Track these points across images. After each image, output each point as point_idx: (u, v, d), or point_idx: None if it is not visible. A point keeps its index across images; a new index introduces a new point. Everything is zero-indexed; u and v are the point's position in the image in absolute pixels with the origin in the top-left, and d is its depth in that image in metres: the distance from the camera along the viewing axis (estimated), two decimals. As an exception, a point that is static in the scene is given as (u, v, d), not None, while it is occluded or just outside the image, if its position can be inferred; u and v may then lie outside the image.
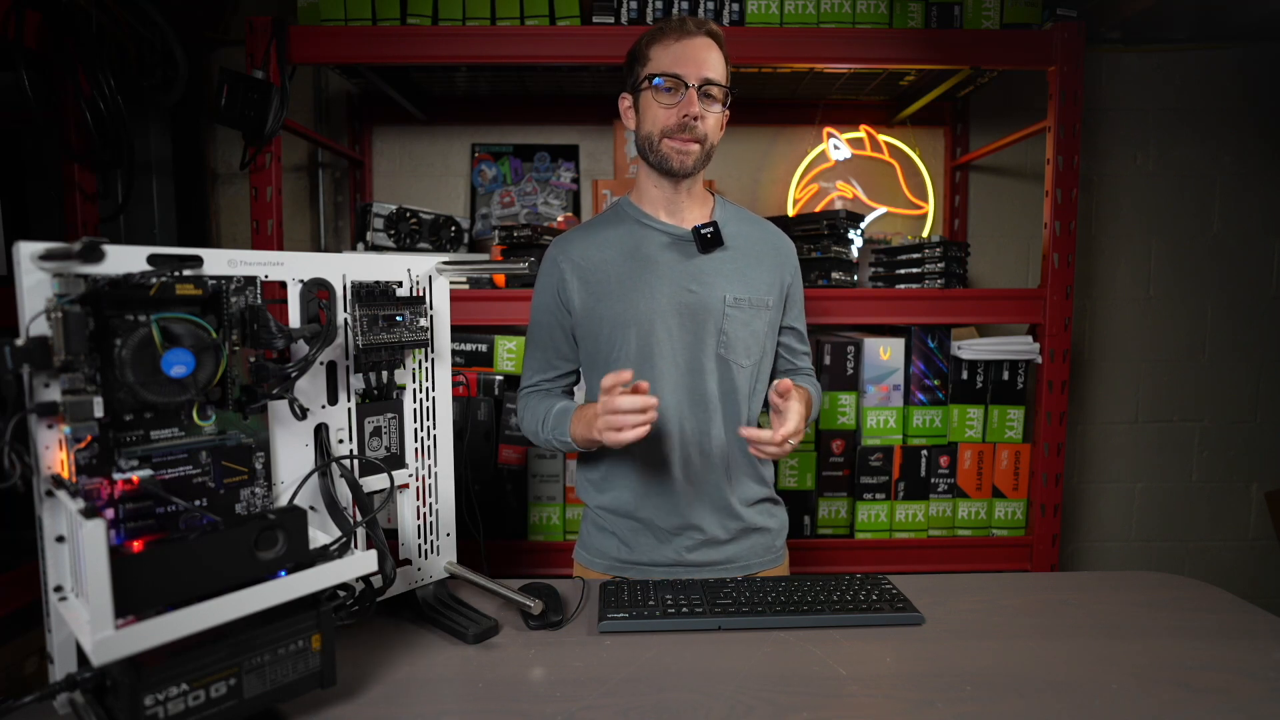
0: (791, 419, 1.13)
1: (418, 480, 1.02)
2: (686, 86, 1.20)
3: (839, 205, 2.40)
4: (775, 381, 1.15)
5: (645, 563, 1.29)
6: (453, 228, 2.22)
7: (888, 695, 0.83)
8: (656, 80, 1.21)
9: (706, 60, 1.21)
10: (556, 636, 0.97)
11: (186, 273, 0.73)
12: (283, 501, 0.86)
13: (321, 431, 0.91)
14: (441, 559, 1.05)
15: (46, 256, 0.64)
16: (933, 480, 1.99)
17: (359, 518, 0.92)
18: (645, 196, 1.32)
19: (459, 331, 1.96)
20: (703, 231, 1.26)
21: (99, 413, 0.68)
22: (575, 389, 1.42)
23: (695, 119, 1.20)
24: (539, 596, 0.98)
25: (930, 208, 2.40)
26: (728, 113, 1.27)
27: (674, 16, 1.25)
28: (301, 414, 0.85)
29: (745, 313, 1.28)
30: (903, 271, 2.02)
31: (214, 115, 1.74)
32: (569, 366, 1.35)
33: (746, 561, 1.32)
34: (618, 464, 1.29)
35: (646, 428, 1.08)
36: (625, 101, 1.30)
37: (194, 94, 2.22)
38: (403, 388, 0.99)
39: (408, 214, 2.12)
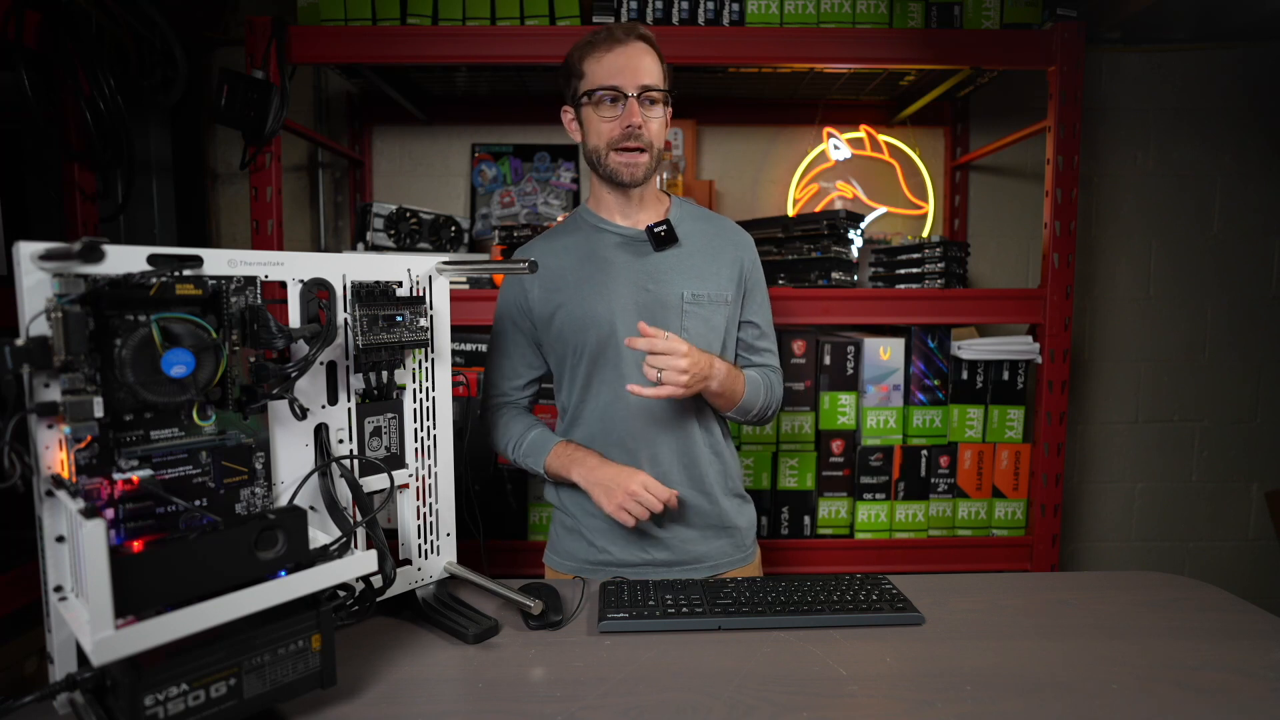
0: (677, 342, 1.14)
1: (418, 480, 1.02)
2: (626, 97, 1.21)
3: (839, 205, 2.40)
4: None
5: (613, 563, 1.29)
6: (453, 228, 2.22)
7: (888, 695, 0.83)
8: (596, 94, 1.22)
9: (640, 67, 1.22)
10: (556, 636, 0.97)
11: (186, 273, 0.73)
12: (283, 501, 0.86)
13: (321, 431, 0.91)
14: (441, 559, 1.05)
15: (46, 256, 0.64)
16: (933, 480, 1.99)
17: (359, 518, 0.92)
18: (601, 203, 1.34)
19: (459, 331, 1.96)
20: (656, 230, 1.28)
21: (99, 413, 0.68)
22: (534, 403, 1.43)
23: (639, 127, 1.22)
24: (539, 596, 0.98)
25: (930, 208, 2.40)
26: (670, 111, 1.29)
27: (603, 28, 1.25)
28: (301, 414, 0.85)
29: (705, 309, 1.28)
30: (903, 271, 2.02)
31: (214, 115, 1.74)
32: (535, 374, 1.37)
33: (715, 561, 1.31)
34: None
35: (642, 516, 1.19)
36: (568, 115, 1.31)
37: (194, 94, 2.22)
38: (403, 388, 0.99)
39: (408, 214, 2.12)
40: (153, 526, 0.74)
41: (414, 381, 1.00)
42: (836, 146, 2.36)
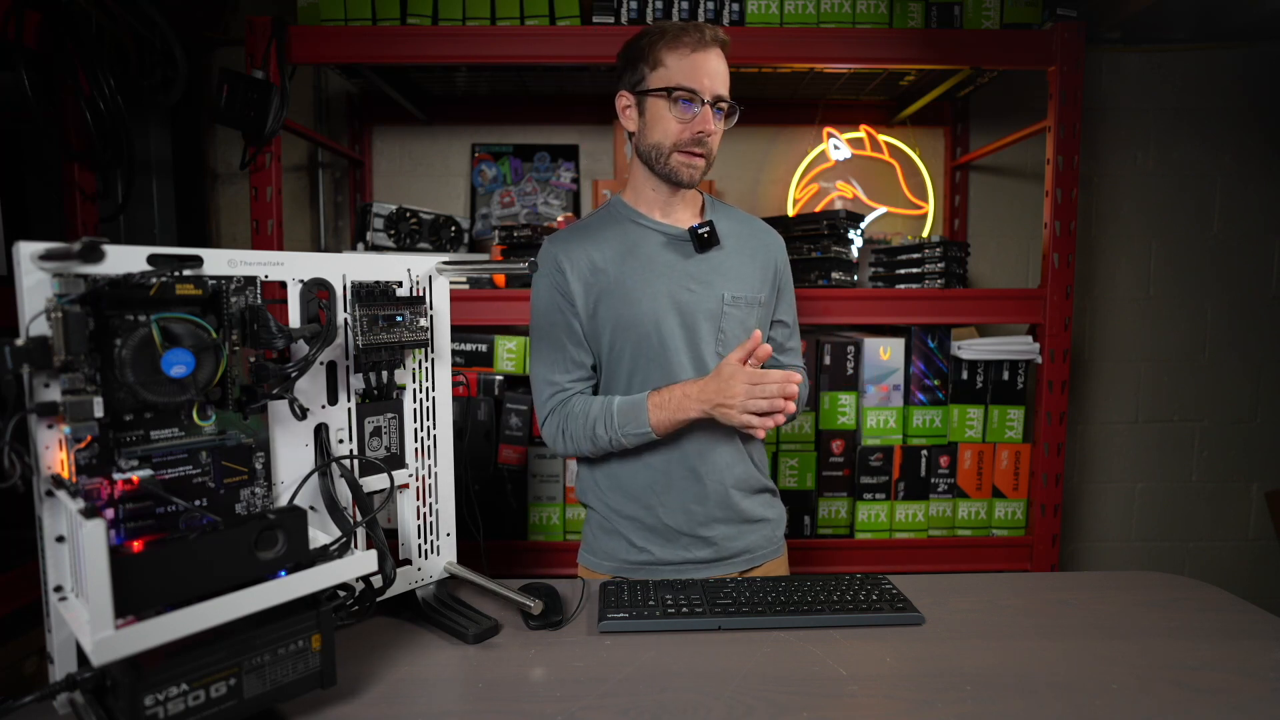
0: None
1: (418, 480, 1.02)
2: (702, 102, 1.21)
3: (839, 205, 2.40)
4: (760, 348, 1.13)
5: (654, 562, 1.29)
6: (453, 228, 2.22)
7: (888, 695, 0.83)
8: (674, 93, 1.21)
9: (720, 74, 1.22)
10: (556, 636, 0.97)
11: (186, 273, 0.73)
12: (283, 501, 0.86)
13: (321, 431, 0.91)
14: (441, 559, 1.05)
15: (46, 256, 0.64)
16: (933, 480, 1.99)
17: (359, 518, 0.92)
18: (640, 197, 1.32)
19: (459, 331, 1.96)
20: (699, 231, 1.26)
21: (99, 413, 0.68)
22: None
23: (708, 135, 1.22)
24: (539, 596, 0.98)
25: (930, 208, 2.40)
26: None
27: (687, 22, 1.22)
28: (301, 414, 0.85)
29: (742, 310, 1.29)
30: (903, 271, 2.02)
31: (214, 115, 1.74)
32: (590, 361, 1.29)
33: (752, 554, 1.33)
34: (624, 464, 1.29)
35: (782, 416, 1.13)
36: (625, 100, 1.28)
37: (194, 94, 2.22)
38: (403, 388, 0.99)
39: (408, 214, 2.12)
40: (153, 526, 0.74)
41: (414, 381, 1.00)
42: (836, 146, 2.36)
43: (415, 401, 1.00)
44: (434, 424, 1.02)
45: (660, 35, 1.22)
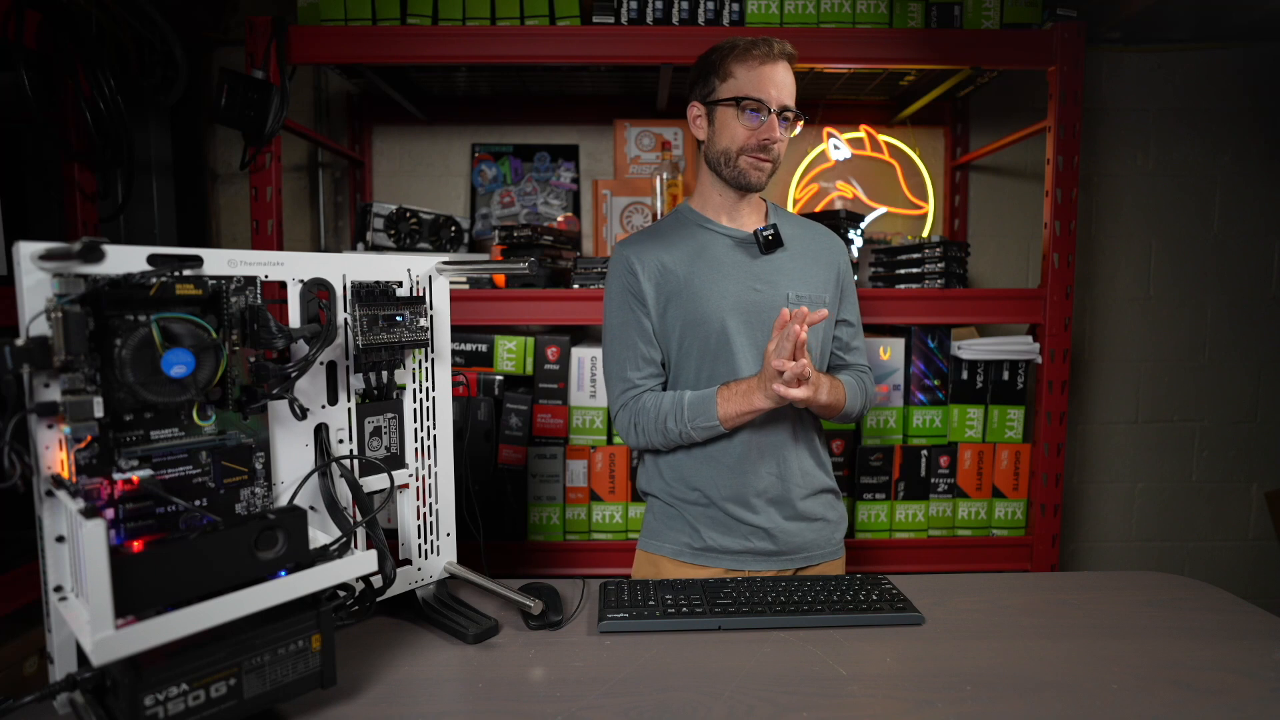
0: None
1: (418, 480, 1.02)
2: (769, 111, 1.26)
3: (839, 205, 2.40)
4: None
5: (716, 549, 1.31)
6: (453, 228, 2.22)
7: (888, 695, 0.83)
8: (743, 102, 1.26)
9: (787, 85, 1.28)
10: (556, 636, 0.97)
11: (186, 273, 0.73)
12: (283, 501, 0.86)
13: (321, 431, 0.91)
14: (441, 559, 1.05)
15: (46, 256, 0.64)
16: (933, 480, 1.99)
17: (359, 518, 0.92)
18: (708, 203, 1.37)
19: (459, 331, 1.96)
20: (764, 234, 1.32)
21: (99, 413, 0.68)
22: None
23: (774, 142, 1.27)
24: (539, 596, 0.98)
25: (930, 208, 2.40)
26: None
27: (758, 36, 1.28)
28: (301, 414, 0.85)
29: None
30: (903, 271, 2.02)
31: (214, 115, 1.74)
32: (660, 358, 1.34)
33: (809, 553, 1.35)
34: (689, 456, 1.32)
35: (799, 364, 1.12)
36: (696, 110, 1.34)
37: (194, 94, 2.22)
38: (403, 388, 0.99)
39: (408, 214, 2.12)
40: (153, 526, 0.74)
41: (414, 381, 1.00)
42: (836, 146, 2.36)
43: (415, 401, 1.00)
44: (434, 424, 1.02)
45: (730, 49, 1.28)
